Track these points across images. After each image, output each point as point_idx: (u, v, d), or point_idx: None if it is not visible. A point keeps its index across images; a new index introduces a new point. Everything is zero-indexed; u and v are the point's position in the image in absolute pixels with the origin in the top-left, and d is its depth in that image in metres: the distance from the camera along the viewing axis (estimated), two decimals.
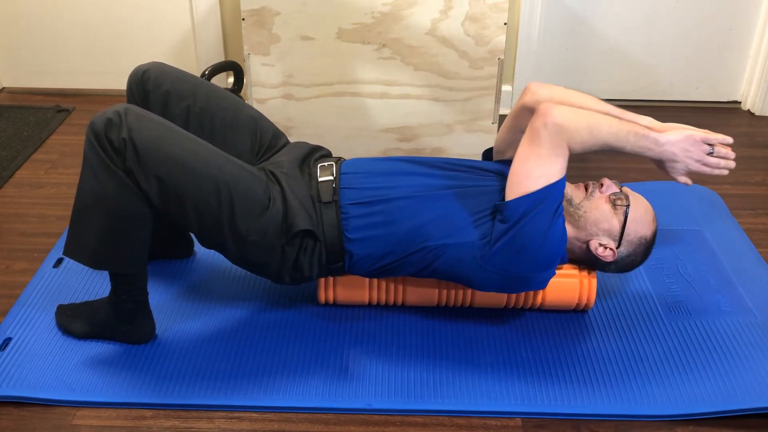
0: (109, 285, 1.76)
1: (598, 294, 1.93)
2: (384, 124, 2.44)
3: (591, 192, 1.72)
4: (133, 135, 1.53)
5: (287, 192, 1.66)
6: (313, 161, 1.78)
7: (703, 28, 2.86)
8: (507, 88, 2.92)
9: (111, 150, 1.54)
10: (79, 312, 1.78)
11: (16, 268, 2.03)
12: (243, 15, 2.27)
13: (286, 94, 2.39)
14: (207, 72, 2.27)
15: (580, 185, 1.75)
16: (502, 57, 2.31)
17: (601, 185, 1.73)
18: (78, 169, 2.45)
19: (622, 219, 1.70)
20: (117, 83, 2.97)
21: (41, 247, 2.10)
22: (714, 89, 2.99)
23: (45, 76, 3.00)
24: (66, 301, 1.87)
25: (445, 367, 1.71)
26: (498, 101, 2.39)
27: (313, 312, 1.87)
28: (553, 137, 1.57)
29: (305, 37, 2.31)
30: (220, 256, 2.01)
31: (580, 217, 1.71)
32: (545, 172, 1.58)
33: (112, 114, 1.55)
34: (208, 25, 2.87)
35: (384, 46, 2.31)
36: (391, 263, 1.68)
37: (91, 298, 1.87)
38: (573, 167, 1.79)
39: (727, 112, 2.97)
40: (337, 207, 1.67)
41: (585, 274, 1.80)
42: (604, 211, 1.70)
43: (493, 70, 2.33)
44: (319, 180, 1.71)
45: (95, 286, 1.93)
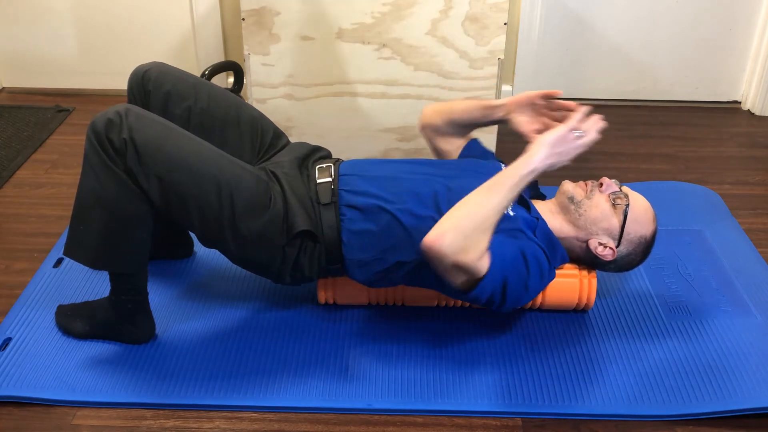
0: (109, 285, 1.76)
1: (598, 294, 1.93)
2: (384, 124, 2.44)
3: (591, 191, 1.72)
4: (133, 135, 1.53)
5: (288, 192, 1.66)
6: (311, 162, 1.78)
7: (703, 28, 2.87)
8: (507, 88, 2.92)
9: (111, 150, 1.54)
10: (80, 312, 1.78)
11: (16, 268, 2.03)
12: (243, 15, 2.27)
13: (286, 94, 2.39)
14: (207, 72, 2.27)
15: (581, 183, 1.75)
16: (502, 57, 2.31)
17: (600, 184, 1.73)
18: (78, 169, 2.45)
19: (621, 218, 1.70)
20: (117, 83, 2.97)
21: (41, 247, 2.10)
22: (714, 89, 3.00)
23: (45, 76, 3.00)
24: (66, 301, 1.87)
25: (445, 367, 1.71)
26: None
27: (313, 312, 1.87)
28: (464, 265, 1.51)
29: (305, 37, 2.31)
30: (220, 256, 2.01)
31: (580, 215, 1.71)
32: (481, 274, 1.55)
33: (112, 114, 1.55)
34: (208, 25, 2.87)
35: (384, 46, 2.31)
36: (384, 270, 1.67)
37: (91, 298, 1.88)
38: (573, 167, 1.79)
39: (727, 112, 2.97)
40: (336, 209, 1.67)
41: (585, 274, 1.80)
42: (604, 210, 1.71)
43: (493, 70, 2.33)
44: (318, 182, 1.71)
45: (95, 286, 1.93)
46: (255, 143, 1.81)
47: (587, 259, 1.76)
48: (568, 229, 1.73)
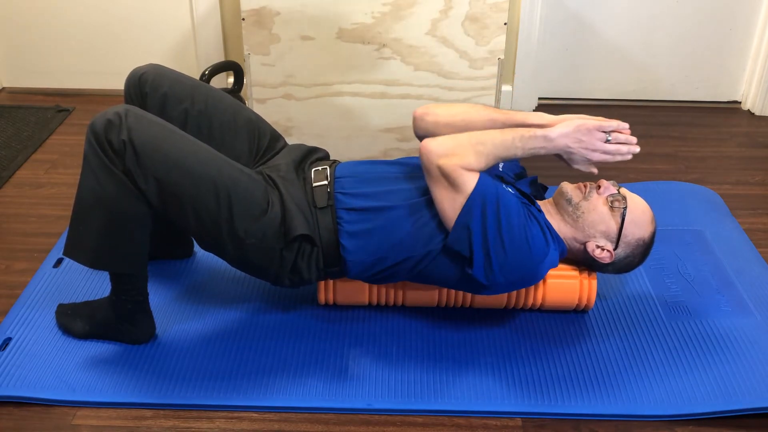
0: (109, 285, 1.76)
1: (598, 294, 1.93)
2: (384, 124, 2.44)
3: (588, 193, 1.72)
4: (132, 136, 1.53)
5: (285, 196, 1.66)
6: (308, 165, 1.78)
7: (703, 28, 2.87)
8: (507, 88, 2.92)
9: (111, 151, 1.54)
10: (80, 312, 1.78)
11: (16, 268, 2.03)
12: (243, 15, 2.27)
13: (286, 94, 2.39)
14: (207, 72, 2.27)
15: (579, 185, 1.75)
16: (502, 57, 2.32)
17: (598, 186, 1.73)
18: (78, 169, 2.45)
19: (619, 221, 1.69)
20: (117, 83, 2.96)
21: (41, 247, 2.10)
22: (714, 89, 2.99)
23: (45, 76, 3.00)
24: (66, 301, 1.87)
25: (445, 368, 1.71)
26: (498, 101, 2.40)
27: (313, 312, 1.87)
28: (446, 168, 1.57)
29: (305, 37, 2.31)
30: None
31: (578, 217, 1.71)
32: (463, 193, 1.58)
33: (112, 115, 1.55)
34: (208, 25, 2.87)
35: (384, 46, 2.31)
36: (386, 269, 1.67)
37: (91, 298, 1.88)
38: None
39: (727, 112, 2.97)
40: (333, 212, 1.67)
41: (585, 274, 1.80)
42: (602, 212, 1.70)
43: (493, 70, 2.33)
44: (314, 185, 1.70)
45: (95, 286, 1.93)
46: (252, 146, 1.80)
47: (585, 261, 1.76)
48: (566, 229, 1.72)
